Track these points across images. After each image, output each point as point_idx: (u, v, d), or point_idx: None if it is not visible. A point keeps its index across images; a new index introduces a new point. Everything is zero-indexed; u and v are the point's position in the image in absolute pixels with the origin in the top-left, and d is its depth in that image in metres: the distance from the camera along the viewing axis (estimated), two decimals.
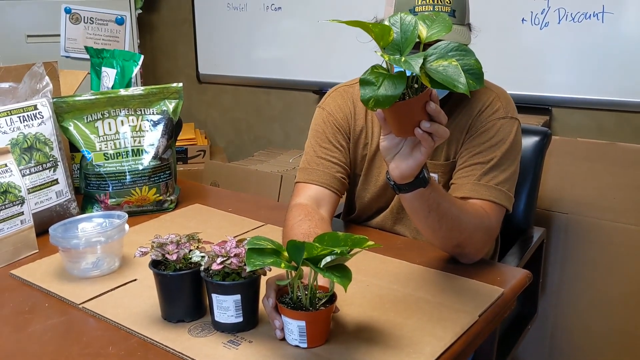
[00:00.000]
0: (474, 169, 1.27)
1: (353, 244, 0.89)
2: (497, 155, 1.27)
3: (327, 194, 1.34)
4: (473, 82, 0.90)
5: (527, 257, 1.57)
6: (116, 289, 1.15)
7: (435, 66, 0.89)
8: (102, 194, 1.53)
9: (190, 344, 0.96)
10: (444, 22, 0.96)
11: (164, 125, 1.58)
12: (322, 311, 0.92)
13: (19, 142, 1.38)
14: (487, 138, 1.28)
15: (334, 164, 1.37)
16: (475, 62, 0.92)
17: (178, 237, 1.02)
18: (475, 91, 1.32)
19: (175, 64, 3.51)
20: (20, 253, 1.31)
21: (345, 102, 1.41)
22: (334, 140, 1.39)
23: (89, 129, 1.54)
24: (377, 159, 1.40)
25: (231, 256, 0.93)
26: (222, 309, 0.97)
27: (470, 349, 1.01)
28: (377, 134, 1.38)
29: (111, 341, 0.98)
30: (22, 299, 1.14)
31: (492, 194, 1.25)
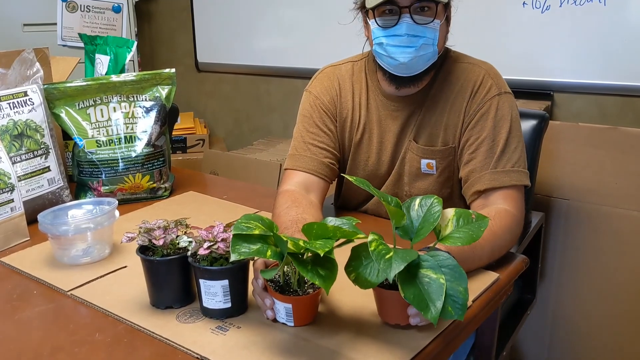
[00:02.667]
0: (486, 157, 1.24)
1: (343, 235, 0.87)
2: (503, 137, 1.25)
3: (315, 181, 1.32)
4: (451, 311, 0.84)
5: (525, 243, 1.55)
6: (106, 275, 1.14)
7: (422, 275, 0.86)
8: (95, 182, 1.52)
9: (177, 330, 0.94)
10: (474, 231, 0.90)
11: (157, 111, 1.56)
12: (309, 296, 0.91)
13: (9, 129, 1.37)
14: (487, 121, 1.26)
15: (321, 150, 1.34)
16: (464, 291, 0.86)
17: (165, 222, 1.00)
18: (463, 69, 1.30)
19: (174, 53, 3.49)
20: (11, 241, 1.29)
21: (332, 83, 1.38)
22: (321, 124, 1.36)
23: (80, 115, 1.52)
24: (364, 143, 1.37)
25: (218, 241, 0.92)
26: (210, 295, 0.95)
27: (464, 334, 0.99)
28: (364, 117, 1.36)
29: (98, 328, 0.97)
30: (11, 286, 1.13)
31: (512, 178, 1.23)
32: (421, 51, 1.21)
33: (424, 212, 0.93)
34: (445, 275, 0.86)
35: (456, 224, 0.92)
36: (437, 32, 1.22)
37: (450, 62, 1.32)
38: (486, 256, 1.10)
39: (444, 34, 1.26)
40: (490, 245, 1.10)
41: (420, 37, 1.20)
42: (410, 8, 1.19)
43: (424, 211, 0.93)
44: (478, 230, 0.90)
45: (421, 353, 0.87)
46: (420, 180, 1.34)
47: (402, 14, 1.19)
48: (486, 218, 0.92)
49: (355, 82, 1.37)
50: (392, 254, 0.85)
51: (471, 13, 2.37)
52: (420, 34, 1.20)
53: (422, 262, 0.88)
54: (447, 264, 0.88)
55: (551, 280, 2.00)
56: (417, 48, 1.20)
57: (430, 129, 1.31)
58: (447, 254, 0.90)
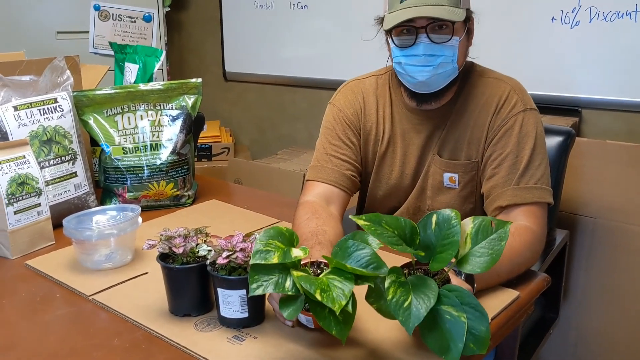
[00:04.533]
0: (509, 174, 1.23)
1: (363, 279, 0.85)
2: (527, 153, 1.23)
3: (336, 192, 1.32)
4: (473, 347, 0.82)
5: (549, 260, 1.52)
6: (127, 281, 1.15)
7: (443, 312, 0.83)
8: (120, 188, 1.54)
9: (194, 338, 0.95)
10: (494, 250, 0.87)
11: (183, 120, 1.58)
12: None
13: (38, 134, 1.40)
14: (511, 137, 1.25)
15: (343, 162, 1.35)
16: (486, 330, 0.83)
17: (186, 230, 1.01)
18: (488, 84, 1.29)
19: (202, 62, 3.53)
20: (37, 244, 1.32)
21: (356, 97, 1.39)
22: (344, 137, 1.37)
23: (108, 123, 1.55)
24: (388, 156, 1.37)
25: (237, 251, 0.92)
26: (227, 304, 0.95)
27: None
28: (388, 130, 1.36)
29: (117, 333, 0.98)
30: (34, 289, 1.15)
31: (534, 194, 1.22)
32: (440, 69, 1.21)
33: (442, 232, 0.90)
34: (467, 313, 0.83)
35: (475, 239, 0.89)
36: (455, 49, 1.21)
37: (475, 76, 1.32)
38: (505, 273, 1.09)
39: (464, 49, 1.26)
40: (509, 261, 1.08)
41: (439, 56, 1.20)
42: (426, 27, 1.19)
43: (442, 230, 0.90)
44: (498, 248, 0.87)
45: None
46: (443, 194, 1.34)
47: (419, 34, 1.19)
48: (507, 224, 0.89)
49: (380, 95, 1.38)
50: (410, 299, 0.82)
51: (499, 28, 2.36)
52: (438, 52, 1.20)
53: (443, 298, 0.85)
54: (469, 302, 0.85)
55: (575, 299, 1.96)
56: (436, 67, 1.21)
57: (454, 143, 1.31)
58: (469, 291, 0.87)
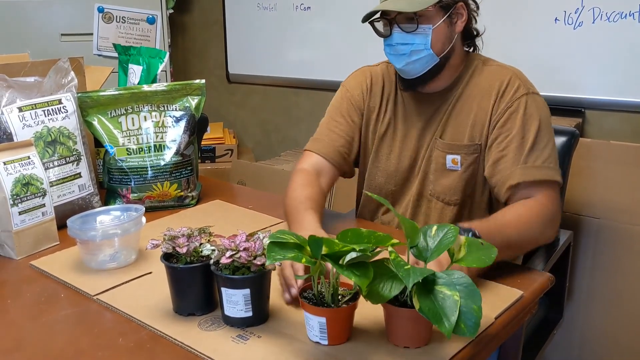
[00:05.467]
0: (516, 154, 1.26)
1: (377, 242, 0.87)
2: (532, 135, 1.26)
3: (326, 166, 1.41)
4: (464, 328, 0.84)
5: (553, 260, 1.52)
6: (131, 281, 1.15)
7: (437, 292, 0.86)
8: (125, 189, 1.55)
9: (199, 337, 0.95)
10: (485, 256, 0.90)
11: (186, 121, 1.59)
12: (343, 308, 0.91)
13: (43, 135, 1.40)
14: (517, 119, 1.28)
15: (339, 137, 1.43)
16: (477, 309, 0.85)
17: (189, 230, 1.02)
18: (491, 71, 1.34)
19: (205, 64, 3.54)
20: (41, 244, 1.32)
21: (364, 78, 1.48)
22: (346, 114, 1.46)
23: (112, 124, 1.55)
24: (387, 136, 1.44)
25: (240, 250, 0.92)
26: (231, 303, 0.96)
27: (486, 351, 0.98)
28: (390, 111, 1.43)
29: (122, 333, 0.98)
30: (39, 289, 1.15)
31: (543, 173, 1.24)
32: (413, 56, 1.30)
33: (440, 238, 0.93)
34: (460, 293, 0.86)
35: (468, 249, 0.94)
36: (427, 37, 1.28)
37: (478, 64, 1.37)
38: (514, 242, 1.13)
39: (443, 35, 1.30)
40: (517, 230, 1.14)
41: (410, 44, 1.29)
42: (395, 18, 1.28)
43: (440, 237, 0.94)
44: (489, 256, 0.91)
45: None
46: (445, 177, 1.37)
47: (393, 25, 1.29)
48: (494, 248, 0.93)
49: (387, 79, 1.46)
50: (409, 265, 0.85)
51: (502, 28, 2.36)
52: (409, 41, 1.28)
53: (437, 279, 0.88)
54: (462, 282, 0.88)
55: (579, 300, 1.96)
56: (408, 54, 1.29)
57: (456, 126, 1.35)
58: (462, 272, 0.90)
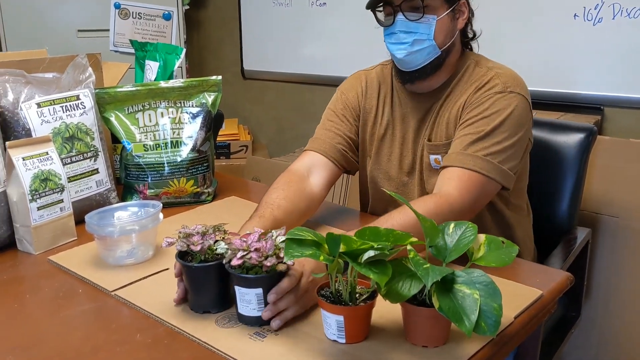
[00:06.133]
0: (462, 141, 1.25)
1: (395, 240, 0.87)
2: (489, 127, 1.24)
3: (322, 162, 1.39)
4: (484, 327, 0.83)
5: (571, 259, 1.50)
6: (148, 277, 1.16)
7: (456, 290, 0.85)
8: (141, 185, 1.55)
9: (216, 334, 0.95)
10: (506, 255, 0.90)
11: (203, 117, 1.59)
12: (361, 307, 0.90)
13: (60, 131, 1.41)
14: (480, 111, 1.27)
15: (336, 134, 1.43)
16: (498, 308, 0.85)
17: (204, 227, 1.01)
18: (477, 72, 1.33)
19: (221, 60, 3.55)
20: (59, 240, 1.33)
21: (359, 82, 1.47)
22: (341, 115, 1.46)
23: (129, 120, 1.56)
24: (387, 138, 1.43)
25: (251, 251, 0.92)
26: (244, 302, 0.96)
27: (505, 351, 0.97)
28: (388, 113, 1.42)
29: (139, 329, 0.99)
30: (57, 284, 1.16)
31: (477, 163, 1.21)
32: (415, 46, 1.28)
33: (458, 236, 0.93)
34: (480, 291, 0.86)
35: (487, 249, 0.93)
36: (431, 27, 1.27)
37: (471, 64, 1.35)
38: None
39: (446, 28, 1.29)
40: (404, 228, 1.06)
41: (413, 33, 1.27)
42: (401, 6, 1.26)
43: (458, 234, 0.93)
44: (509, 255, 0.91)
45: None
46: (434, 176, 1.36)
47: (396, 13, 1.27)
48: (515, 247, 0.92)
49: (383, 82, 1.45)
50: (429, 265, 0.85)
51: (520, 25, 2.34)
52: (413, 30, 1.27)
53: (456, 278, 0.87)
54: (481, 281, 0.87)
55: (597, 298, 1.94)
56: (410, 44, 1.27)
57: (440, 126, 1.35)
58: (481, 271, 0.89)
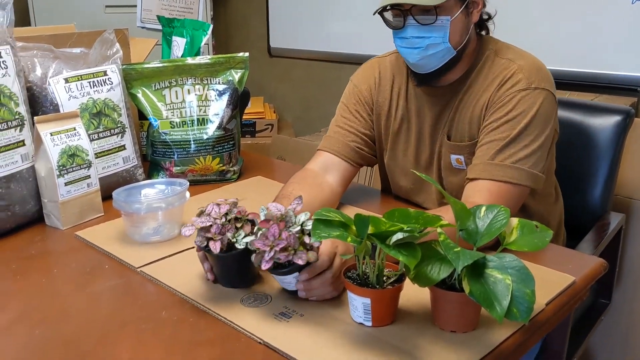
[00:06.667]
0: (488, 148, 1.20)
1: (425, 222, 0.85)
2: (515, 131, 1.18)
3: (337, 162, 1.35)
4: (516, 313, 0.81)
5: (603, 245, 1.47)
6: (174, 255, 1.15)
7: (488, 275, 0.83)
8: (168, 162, 1.55)
9: (241, 313, 0.94)
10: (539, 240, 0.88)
11: (229, 95, 1.57)
12: (389, 290, 0.89)
13: (88, 107, 1.41)
14: (504, 112, 1.20)
15: (349, 133, 1.38)
16: (530, 294, 0.82)
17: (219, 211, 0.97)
18: (498, 64, 1.25)
19: (247, 38, 3.52)
20: (86, 215, 1.34)
21: (372, 73, 1.41)
22: (354, 110, 1.40)
23: (156, 96, 1.55)
24: (402, 133, 1.38)
25: (277, 251, 0.90)
26: (284, 283, 0.97)
27: (535, 338, 0.95)
28: (402, 107, 1.36)
29: (165, 306, 0.99)
30: (84, 259, 1.17)
31: (506, 173, 1.17)
32: (429, 50, 1.21)
33: (489, 219, 0.90)
34: (512, 276, 0.83)
35: (520, 233, 0.90)
36: (445, 29, 1.19)
37: (490, 54, 1.28)
38: None
39: (460, 27, 1.22)
40: None
41: (426, 38, 1.20)
42: (411, 10, 1.18)
43: (489, 218, 0.91)
44: (543, 240, 0.88)
45: (490, 354, 0.84)
46: (454, 176, 1.32)
47: (407, 17, 1.19)
48: (549, 231, 0.89)
49: (397, 72, 1.38)
50: (459, 248, 0.83)
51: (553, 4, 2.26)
52: (426, 34, 1.19)
53: (488, 262, 0.85)
54: (514, 266, 0.85)
55: (627, 285, 1.89)
56: (424, 48, 1.21)
57: (460, 123, 1.29)
58: (514, 255, 0.86)
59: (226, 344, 0.89)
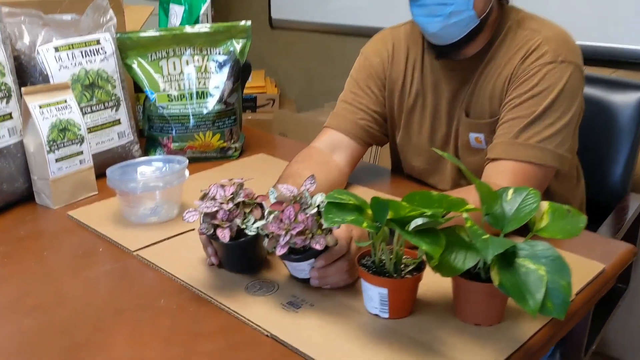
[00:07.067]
0: (511, 125, 1.11)
1: (449, 207, 0.77)
2: (540, 107, 1.10)
3: (345, 141, 1.27)
4: (551, 308, 0.73)
5: (624, 228, 1.39)
6: (173, 237, 1.08)
7: (518, 265, 0.75)
8: (166, 138, 1.47)
9: (246, 302, 0.87)
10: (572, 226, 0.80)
11: (231, 67, 1.49)
12: (408, 279, 0.81)
13: (80, 78, 1.32)
14: (529, 87, 1.11)
15: (359, 110, 1.29)
16: (566, 286, 0.74)
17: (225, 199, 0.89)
18: (521, 36, 1.16)
19: (248, 8, 3.41)
20: (79, 194, 1.26)
21: (385, 45, 1.30)
22: (364, 85, 1.30)
23: (153, 67, 1.46)
24: (417, 110, 1.28)
25: (293, 234, 0.82)
26: (296, 270, 0.89)
27: (563, 330, 0.88)
28: (418, 81, 1.26)
29: (163, 293, 0.91)
30: (77, 241, 1.09)
31: (530, 153, 1.08)
32: (452, 18, 1.11)
33: (518, 203, 0.83)
34: (546, 267, 0.75)
35: (551, 218, 0.82)
36: None
37: (512, 25, 1.18)
38: None
39: None
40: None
41: (449, 5, 1.10)
42: None
43: (518, 202, 0.83)
44: (576, 226, 0.80)
45: (519, 350, 0.77)
46: (472, 156, 1.24)
47: None
48: (582, 216, 0.81)
49: (412, 44, 1.28)
50: (488, 235, 0.75)
51: None
52: (449, 1, 1.09)
53: (519, 251, 0.77)
54: (548, 255, 0.77)
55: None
56: (446, 16, 1.11)
57: (480, 99, 1.19)
58: (547, 243, 0.79)
59: (230, 336, 0.81)
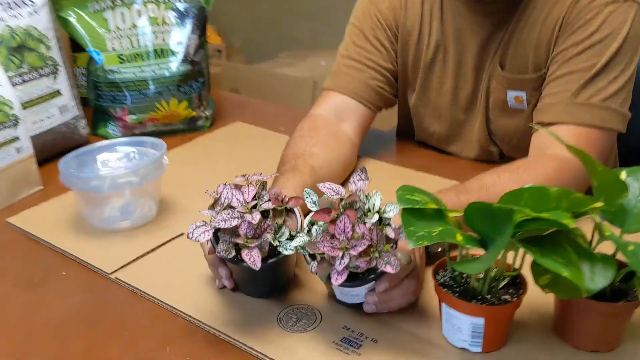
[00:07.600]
0: (568, 81, 0.91)
1: (571, 206, 0.56)
2: (603, 58, 0.90)
3: (353, 106, 1.05)
4: None
5: None
6: (159, 248, 0.83)
7: None
8: (119, 109, 1.18)
9: (285, 343, 0.65)
10: None
11: (194, 17, 1.21)
12: (509, 305, 0.61)
13: (4, 39, 1.01)
14: (587, 34, 0.91)
15: (368, 68, 1.05)
16: None
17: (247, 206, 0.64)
18: None
19: None
20: (20, 192, 0.97)
21: None
22: (372, 37, 1.06)
23: (96, 21, 1.17)
24: (437, 65, 1.05)
25: (352, 254, 0.59)
26: (349, 296, 0.67)
27: None
28: (437, 31, 1.03)
29: (167, 337, 0.67)
30: (25, 262, 0.82)
31: (594, 115, 0.89)
32: None
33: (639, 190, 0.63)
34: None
35: None
36: None
37: None
38: None
39: None
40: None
41: None
42: None
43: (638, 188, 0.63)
44: None
45: None
46: (508, 117, 1.03)
47: None
48: None
49: None
50: (635, 244, 0.55)
51: None
52: None
53: None
54: None
55: None
56: None
57: (519, 49, 0.98)
58: None
59: None
